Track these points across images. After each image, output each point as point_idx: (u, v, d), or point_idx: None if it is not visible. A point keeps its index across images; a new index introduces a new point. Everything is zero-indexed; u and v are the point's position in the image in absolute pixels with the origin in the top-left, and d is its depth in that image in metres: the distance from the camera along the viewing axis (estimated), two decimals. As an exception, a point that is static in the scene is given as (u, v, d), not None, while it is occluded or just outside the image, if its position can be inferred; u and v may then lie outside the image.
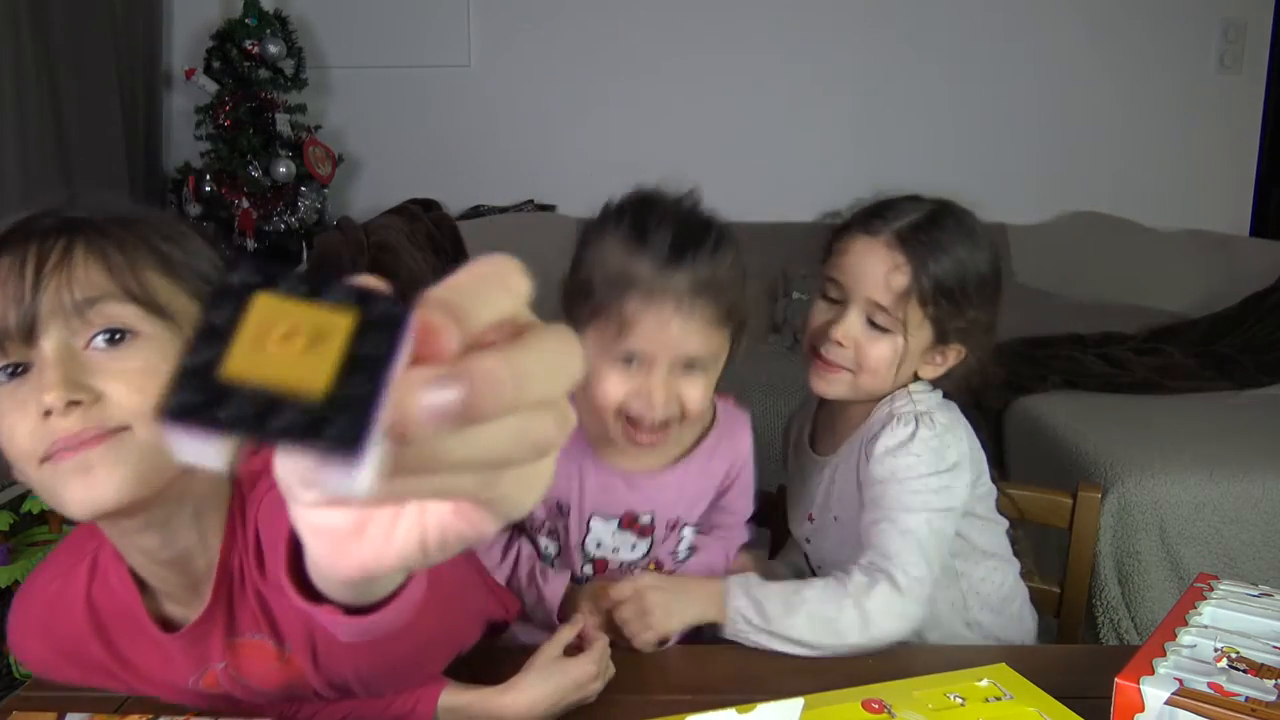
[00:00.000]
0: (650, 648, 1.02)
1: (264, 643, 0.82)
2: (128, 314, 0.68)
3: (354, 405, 0.25)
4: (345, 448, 0.25)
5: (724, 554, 1.17)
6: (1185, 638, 0.79)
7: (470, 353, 0.27)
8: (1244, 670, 0.74)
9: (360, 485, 0.26)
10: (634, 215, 0.99)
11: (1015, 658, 0.96)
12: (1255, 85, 3.54)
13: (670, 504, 1.12)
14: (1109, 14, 3.48)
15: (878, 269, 1.07)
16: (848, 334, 1.08)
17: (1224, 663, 0.75)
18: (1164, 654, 0.76)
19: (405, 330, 0.26)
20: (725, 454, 1.13)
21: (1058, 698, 0.85)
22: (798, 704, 0.75)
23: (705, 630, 1.26)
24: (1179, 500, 1.95)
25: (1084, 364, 2.63)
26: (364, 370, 0.25)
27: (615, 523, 1.11)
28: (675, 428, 1.01)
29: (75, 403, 0.66)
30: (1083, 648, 1.42)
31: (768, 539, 1.42)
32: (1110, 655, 1.04)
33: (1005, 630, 1.20)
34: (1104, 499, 1.86)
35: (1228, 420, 2.30)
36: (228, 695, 0.85)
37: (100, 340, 0.68)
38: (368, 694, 0.87)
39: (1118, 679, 0.73)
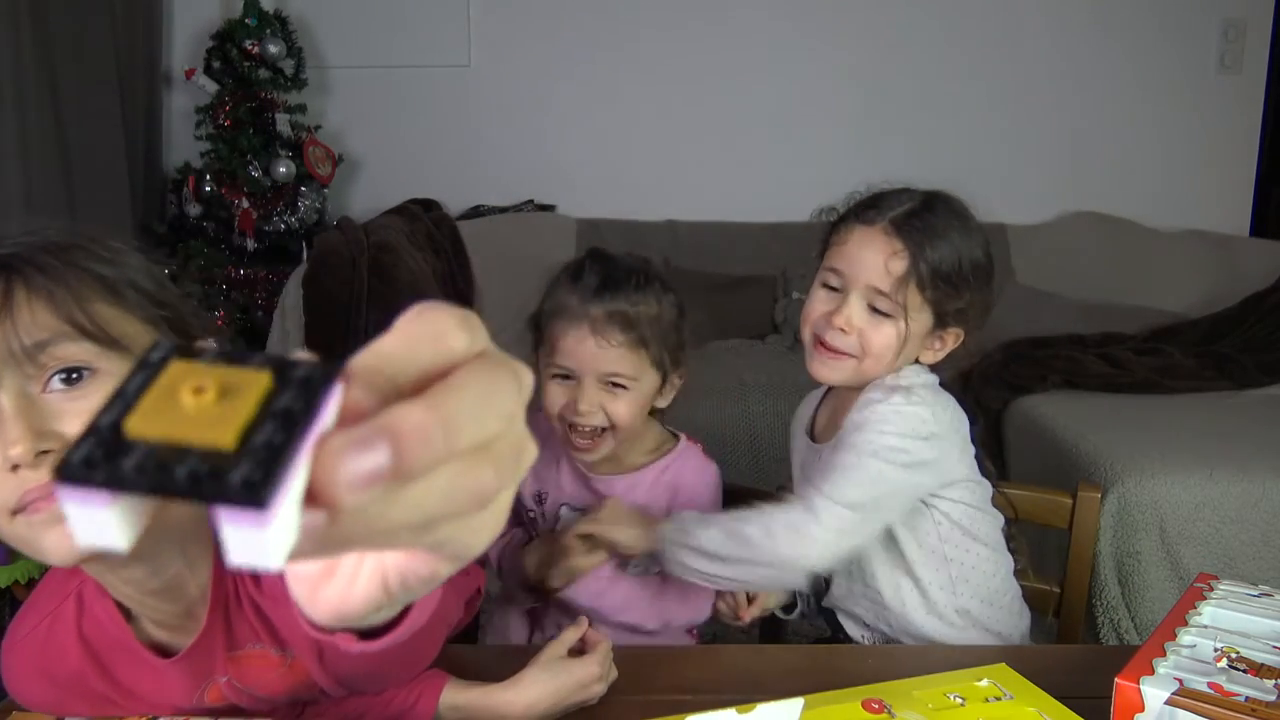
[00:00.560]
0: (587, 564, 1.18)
1: (265, 651, 0.81)
2: (81, 351, 0.65)
3: (263, 454, 0.23)
4: (251, 497, 0.23)
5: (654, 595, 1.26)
6: (1185, 638, 0.79)
7: (392, 404, 0.25)
8: (1244, 670, 0.74)
9: (270, 548, 0.24)
10: (579, 262, 1.21)
11: (1015, 658, 0.96)
12: (1255, 85, 3.54)
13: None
14: (1109, 14, 3.48)
15: (877, 256, 1.11)
16: (850, 320, 1.12)
17: (1224, 663, 0.75)
18: (1164, 654, 0.76)
19: (326, 396, 0.25)
20: (673, 483, 1.25)
21: (1058, 698, 0.85)
22: (798, 704, 0.75)
23: (703, 631, 1.28)
24: (1179, 500, 1.95)
25: (1084, 364, 2.63)
26: (278, 423, 0.24)
27: (577, 515, 1.26)
28: (610, 438, 1.19)
29: (44, 453, 0.63)
30: (1083, 648, 1.42)
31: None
32: (1110, 655, 1.04)
33: (997, 622, 1.21)
34: (1104, 499, 1.86)
35: (1228, 420, 2.31)
36: (234, 707, 0.84)
37: (58, 382, 0.65)
38: (374, 686, 0.87)
39: (1118, 679, 0.73)
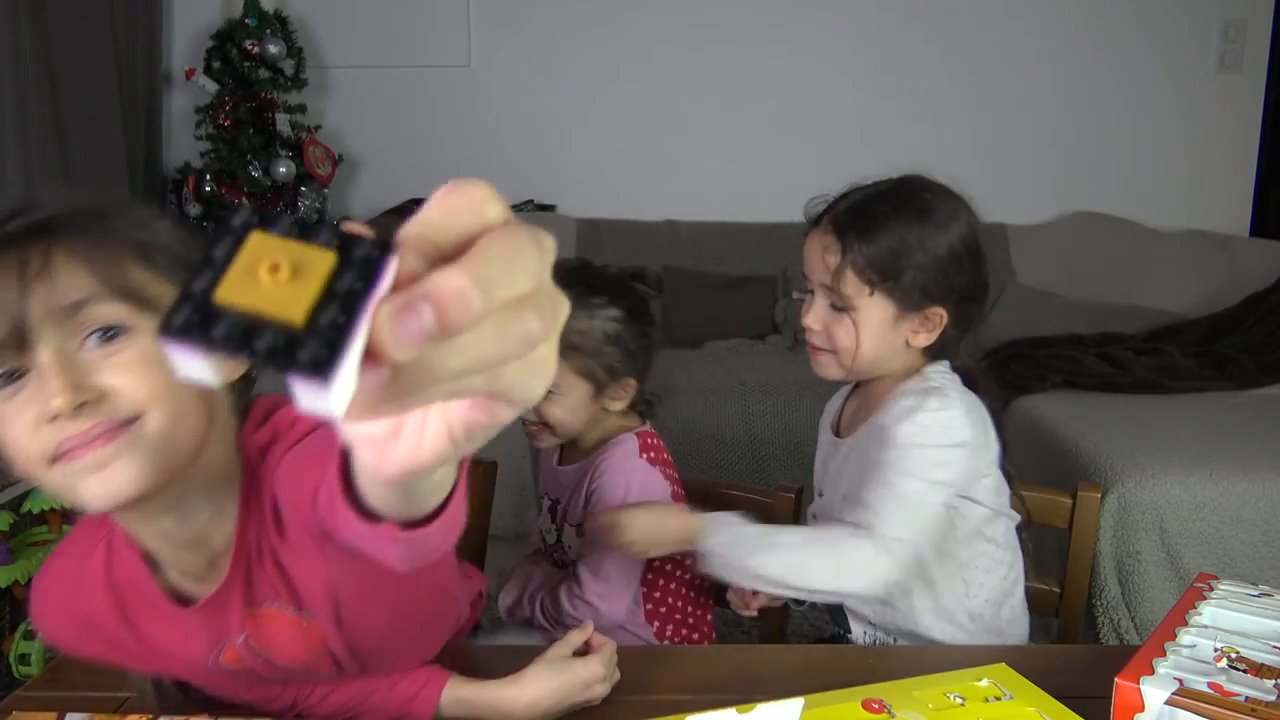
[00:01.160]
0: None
1: (283, 611, 0.82)
2: (117, 312, 0.67)
3: (327, 333, 0.28)
4: (316, 371, 0.28)
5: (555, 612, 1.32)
6: (1185, 638, 0.79)
7: (433, 269, 0.29)
8: (1244, 670, 0.74)
9: (333, 406, 0.29)
10: None
11: (1015, 658, 0.96)
12: (1255, 85, 3.54)
13: (565, 495, 1.37)
14: (1109, 14, 3.48)
15: (819, 254, 1.15)
16: (812, 318, 1.17)
17: (1224, 663, 0.75)
18: (1164, 654, 0.76)
19: (383, 271, 0.29)
20: (592, 471, 1.33)
21: (1058, 698, 0.85)
22: (798, 704, 0.75)
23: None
24: (1179, 500, 1.95)
25: (1084, 364, 2.63)
26: (340, 303, 0.28)
27: (549, 504, 1.39)
28: (548, 433, 1.30)
29: (82, 405, 0.66)
30: (1083, 648, 1.42)
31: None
32: (1110, 655, 1.04)
33: (1002, 625, 1.21)
34: (1104, 499, 1.86)
35: (1228, 420, 2.31)
36: (249, 672, 0.85)
37: (94, 340, 0.68)
38: (386, 659, 0.88)
39: (1118, 679, 0.73)
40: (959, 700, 0.86)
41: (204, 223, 3.21)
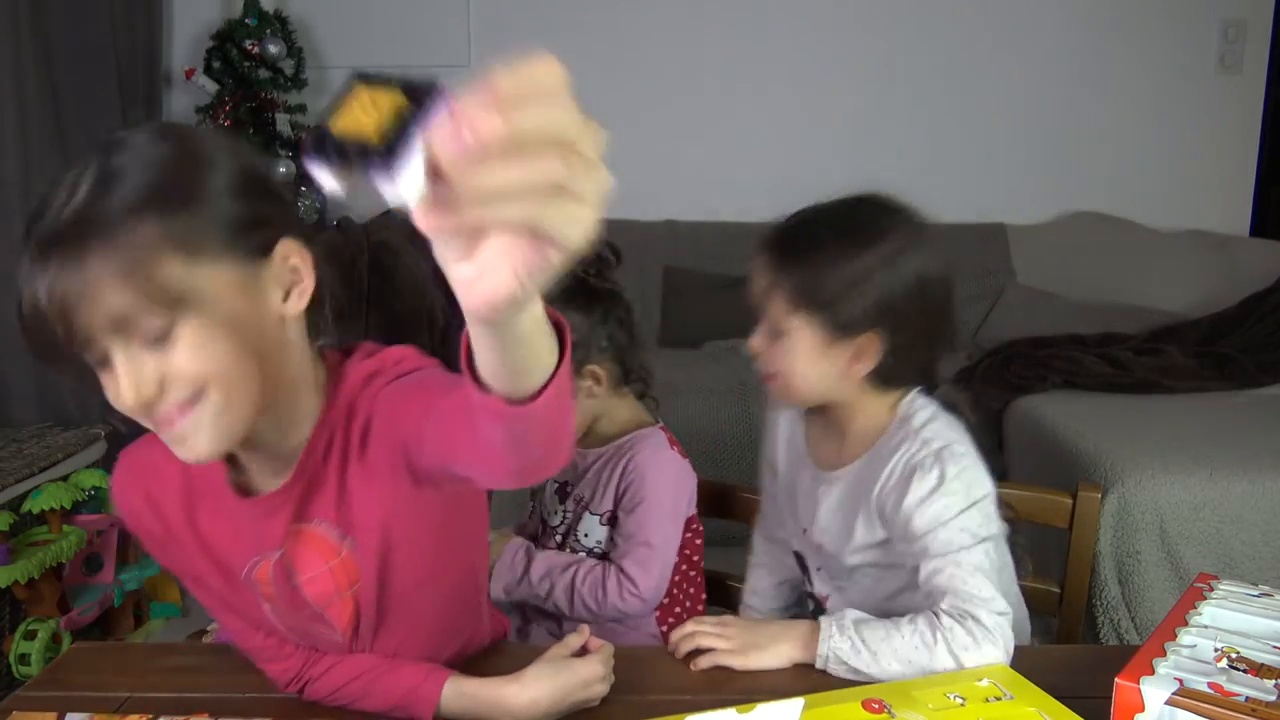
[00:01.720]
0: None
1: (326, 534, 0.86)
2: (158, 322, 0.71)
3: (391, 143, 0.40)
4: (383, 167, 0.40)
5: (570, 589, 1.31)
6: (1185, 638, 0.79)
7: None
8: (1244, 670, 0.74)
9: (403, 194, 0.40)
10: None
11: (1016, 658, 0.96)
12: (1255, 85, 3.54)
13: (581, 481, 1.36)
14: (1109, 14, 3.48)
15: (755, 280, 1.12)
16: (754, 341, 1.14)
17: (1224, 663, 0.75)
18: (1164, 654, 0.76)
19: (436, 106, 0.41)
20: (624, 462, 1.32)
21: (1058, 698, 0.85)
22: (798, 704, 0.75)
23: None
24: (1179, 500, 1.95)
25: (1084, 364, 2.63)
26: (402, 125, 0.40)
27: (555, 486, 1.40)
28: None
29: (148, 401, 0.73)
30: (1083, 648, 1.42)
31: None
32: (1110, 655, 1.04)
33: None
34: (1104, 499, 1.86)
35: (1228, 420, 2.31)
36: (271, 601, 0.90)
37: (147, 346, 0.73)
38: (403, 622, 0.92)
39: (1118, 679, 0.73)
40: (959, 700, 0.86)
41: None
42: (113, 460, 0.93)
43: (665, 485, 1.32)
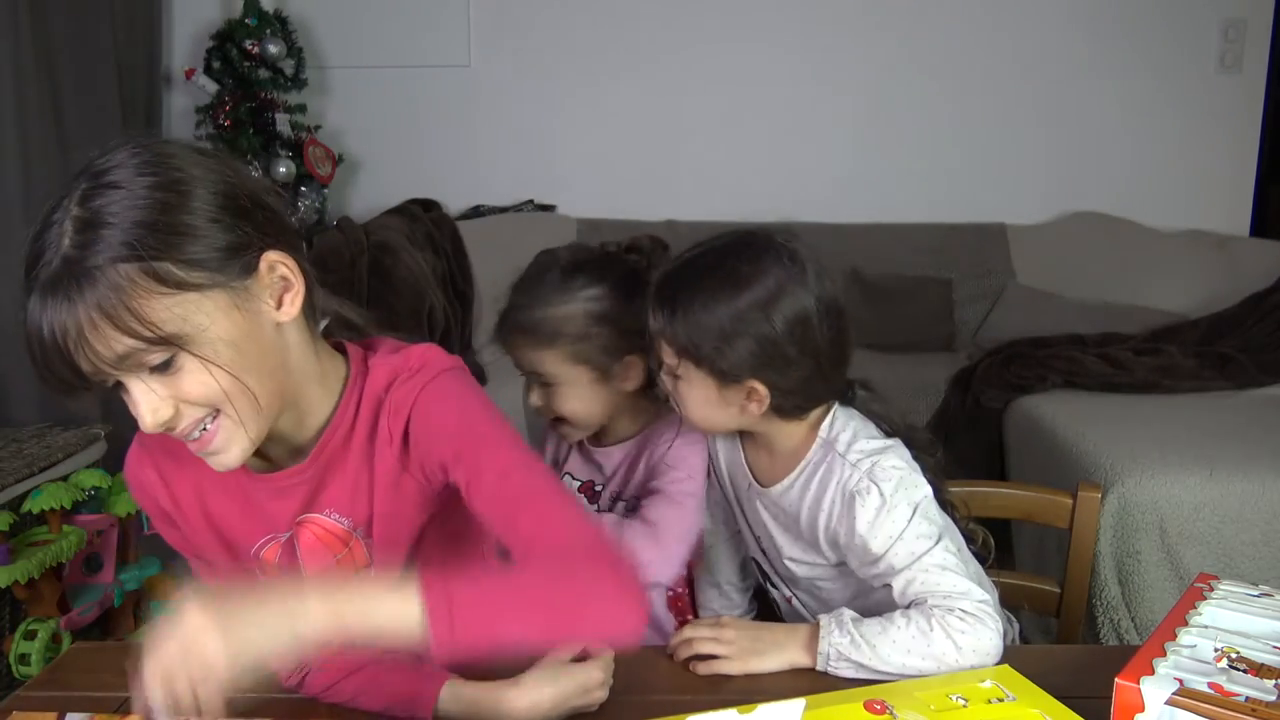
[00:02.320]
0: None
1: (335, 525, 0.88)
2: (155, 354, 0.74)
3: None
4: None
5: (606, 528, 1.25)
6: (1185, 638, 0.79)
7: None
8: (1244, 670, 0.74)
9: None
10: (528, 265, 1.27)
11: (1016, 658, 0.96)
12: (1255, 85, 3.53)
13: (612, 479, 1.32)
14: (1109, 14, 3.48)
15: (650, 322, 1.12)
16: (662, 381, 1.15)
17: (1224, 663, 0.75)
18: (1164, 654, 0.76)
19: None
20: (647, 446, 1.29)
21: (1058, 698, 0.85)
22: (799, 704, 0.75)
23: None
24: (1179, 500, 1.95)
25: (1084, 364, 2.63)
26: None
27: (578, 485, 1.35)
28: (569, 426, 1.27)
29: (167, 423, 0.77)
30: (1083, 648, 1.42)
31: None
32: (1110, 655, 1.04)
33: None
34: (1104, 499, 1.86)
35: (1228, 420, 2.31)
36: (274, 578, 0.91)
37: (152, 370, 0.75)
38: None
39: (1118, 679, 0.73)
40: (961, 701, 0.86)
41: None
42: (113, 460, 0.94)
43: (697, 468, 1.26)
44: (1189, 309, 3.13)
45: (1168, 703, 0.70)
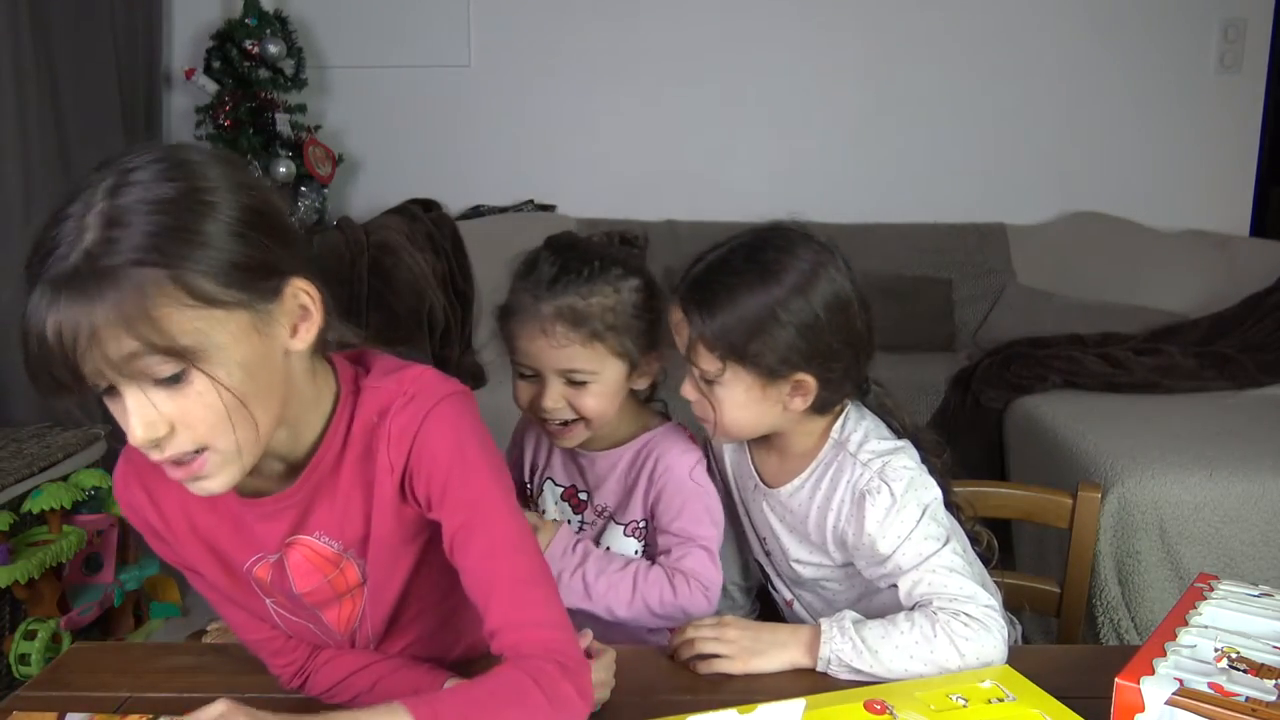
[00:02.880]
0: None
1: (325, 547, 0.87)
2: (165, 364, 0.70)
3: None
4: None
5: (631, 587, 1.19)
6: (1185, 638, 0.79)
7: None
8: (1244, 670, 0.74)
9: None
10: (535, 254, 1.20)
11: (1016, 658, 0.96)
12: (1255, 85, 3.53)
13: (600, 488, 1.27)
14: (1109, 14, 3.48)
15: (676, 331, 1.11)
16: (687, 388, 1.12)
17: (1224, 663, 0.75)
18: (1164, 654, 0.76)
19: None
20: (649, 461, 1.23)
21: (1058, 698, 0.85)
22: (799, 704, 0.75)
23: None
24: (1179, 500, 1.95)
25: (1084, 364, 2.63)
26: None
27: (560, 491, 1.30)
28: (582, 427, 1.20)
29: (158, 437, 0.73)
30: (1083, 648, 1.43)
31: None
32: (1110, 655, 1.04)
33: None
34: (1104, 499, 1.86)
35: (1228, 420, 2.30)
36: (271, 597, 0.91)
37: (157, 384, 0.72)
38: (416, 617, 0.94)
39: (1118, 679, 0.73)
40: (961, 701, 0.86)
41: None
42: (113, 460, 0.93)
43: (701, 482, 1.24)
44: (1189, 309, 3.13)
45: (1168, 703, 0.70)
